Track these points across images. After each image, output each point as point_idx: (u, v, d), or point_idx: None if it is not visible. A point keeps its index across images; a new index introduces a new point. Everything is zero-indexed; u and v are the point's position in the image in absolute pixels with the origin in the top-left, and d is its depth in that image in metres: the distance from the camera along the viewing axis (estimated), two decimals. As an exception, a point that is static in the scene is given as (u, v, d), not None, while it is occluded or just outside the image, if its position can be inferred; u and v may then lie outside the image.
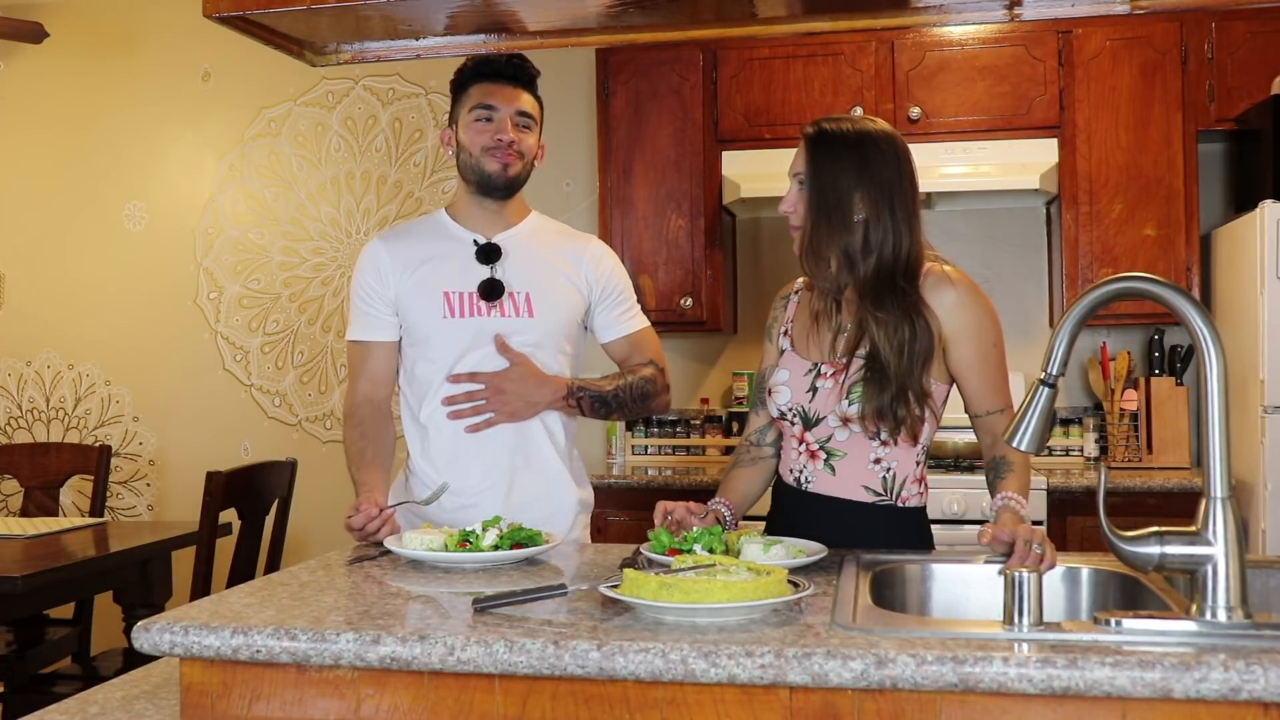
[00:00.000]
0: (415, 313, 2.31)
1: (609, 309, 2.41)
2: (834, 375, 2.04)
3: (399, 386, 2.41)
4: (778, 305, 2.23)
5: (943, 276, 2.07)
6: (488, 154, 2.29)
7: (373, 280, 2.34)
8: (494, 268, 2.30)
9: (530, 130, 2.32)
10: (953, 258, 2.22)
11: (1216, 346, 1.42)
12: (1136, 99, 3.64)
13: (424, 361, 2.32)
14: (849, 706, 1.32)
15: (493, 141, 2.28)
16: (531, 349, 2.29)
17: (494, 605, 1.53)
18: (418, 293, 2.30)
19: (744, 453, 2.22)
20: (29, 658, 3.53)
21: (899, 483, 2.05)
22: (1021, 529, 1.77)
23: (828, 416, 2.04)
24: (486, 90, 2.30)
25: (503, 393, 2.25)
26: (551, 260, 2.35)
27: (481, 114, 2.29)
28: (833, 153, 2.03)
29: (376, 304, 2.34)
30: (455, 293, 2.29)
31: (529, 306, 2.30)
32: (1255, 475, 3.32)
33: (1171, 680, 1.23)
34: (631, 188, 3.96)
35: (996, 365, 2.06)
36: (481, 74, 2.31)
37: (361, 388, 2.36)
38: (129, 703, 1.69)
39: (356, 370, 2.37)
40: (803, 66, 3.83)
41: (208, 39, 4.49)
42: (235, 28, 2.04)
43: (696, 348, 4.28)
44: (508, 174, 2.30)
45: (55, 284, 4.82)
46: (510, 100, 2.30)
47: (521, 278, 2.31)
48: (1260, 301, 3.27)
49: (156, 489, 4.77)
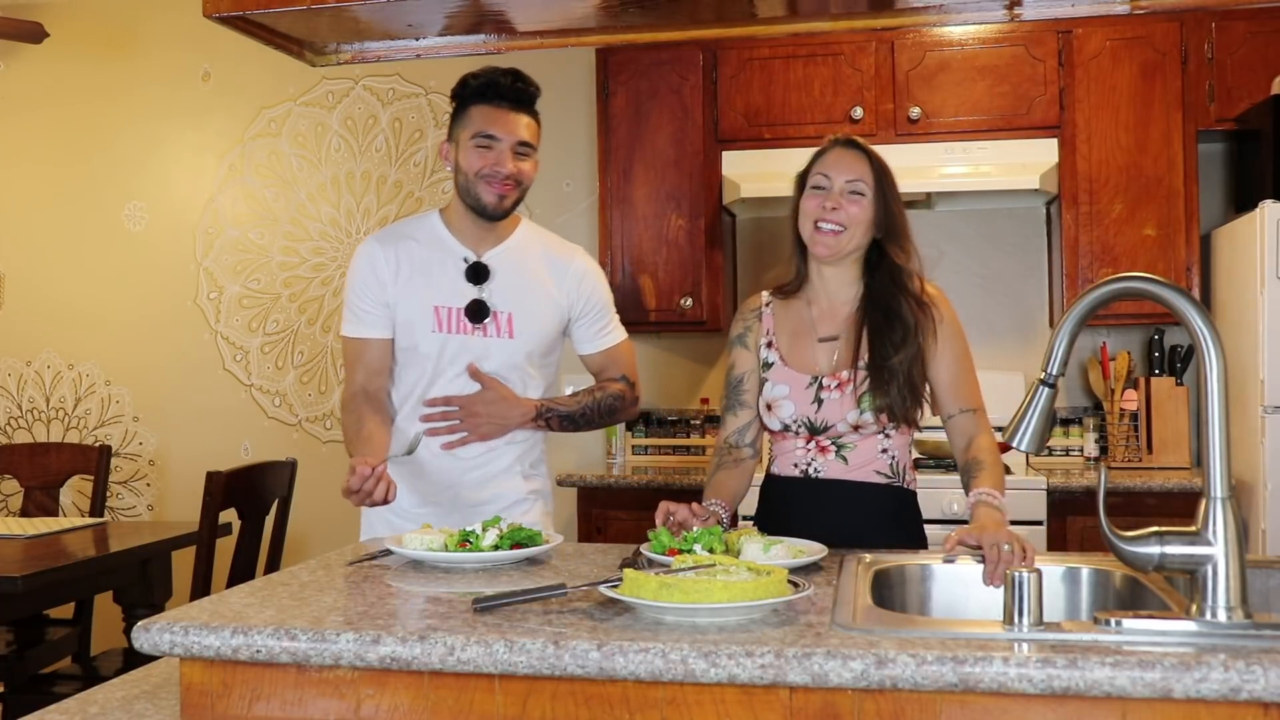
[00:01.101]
0: (406, 321, 2.39)
1: (588, 325, 2.50)
2: (839, 387, 2.14)
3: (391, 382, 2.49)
4: (749, 317, 2.28)
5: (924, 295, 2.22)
6: (485, 183, 2.33)
7: (369, 279, 2.40)
8: (482, 288, 2.39)
9: (528, 157, 2.36)
10: (953, 258, 2.29)
11: (1216, 346, 1.42)
12: (1136, 99, 3.64)
13: (410, 367, 2.42)
14: (849, 706, 1.32)
15: (491, 171, 2.32)
16: (509, 369, 2.40)
17: (494, 605, 1.53)
18: (411, 302, 2.39)
19: (725, 455, 2.26)
20: (29, 658, 3.53)
21: (902, 468, 2.20)
22: (986, 535, 1.82)
23: (837, 424, 2.14)
24: (488, 116, 2.32)
25: (475, 415, 2.36)
26: (536, 278, 2.44)
27: (482, 142, 2.32)
28: (885, 167, 2.17)
29: (372, 303, 2.40)
30: (445, 308, 2.38)
31: (510, 328, 2.39)
32: (1255, 475, 3.32)
33: (1171, 680, 1.23)
34: (631, 188, 3.96)
35: (968, 369, 2.20)
36: (483, 96, 2.33)
37: (358, 379, 2.43)
38: (129, 703, 1.69)
39: (353, 363, 2.44)
40: (803, 66, 3.83)
41: (208, 39, 4.48)
42: (235, 28, 2.04)
43: (696, 348, 4.28)
44: (503, 205, 2.37)
45: (55, 284, 4.82)
46: (511, 129, 2.32)
47: (506, 299, 2.40)
48: (1260, 301, 3.27)
49: (156, 489, 4.77)
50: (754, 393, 2.24)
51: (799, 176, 2.21)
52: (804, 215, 2.16)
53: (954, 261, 4.03)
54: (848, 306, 2.20)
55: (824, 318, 2.21)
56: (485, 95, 2.32)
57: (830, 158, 2.17)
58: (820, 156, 2.19)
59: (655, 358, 4.31)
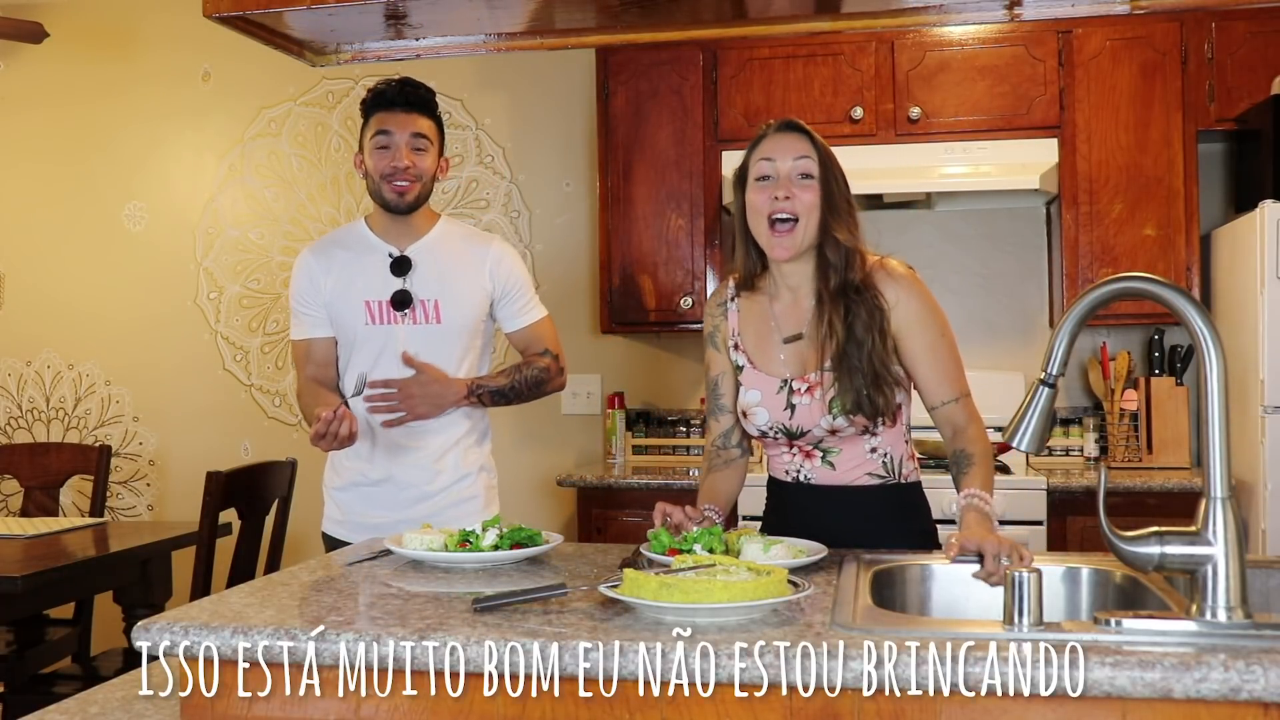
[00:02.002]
0: (342, 319, 2.60)
1: (509, 304, 2.67)
2: (809, 391, 2.05)
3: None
4: (716, 313, 2.21)
5: (885, 272, 2.07)
6: (386, 182, 2.55)
7: (306, 286, 2.63)
8: (405, 279, 2.58)
9: (426, 151, 2.57)
10: (953, 258, 2.23)
11: (1216, 346, 1.42)
12: (1136, 99, 3.64)
13: (353, 359, 2.60)
14: (849, 706, 1.32)
15: (390, 169, 2.53)
16: (439, 352, 2.57)
17: (494, 605, 1.53)
18: (344, 301, 2.59)
19: (714, 457, 2.23)
20: (29, 658, 3.53)
21: (898, 463, 2.12)
22: (989, 542, 1.73)
23: (813, 429, 2.07)
24: (382, 118, 2.56)
25: (410, 397, 2.52)
26: (457, 266, 2.62)
27: (380, 141, 2.55)
28: (824, 147, 2.05)
29: (312, 307, 2.63)
30: (375, 301, 2.58)
31: (437, 313, 2.58)
32: (1255, 475, 3.32)
33: (1171, 680, 1.23)
34: (631, 187, 3.96)
35: (948, 354, 2.06)
36: (378, 104, 2.57)
37: (308, 372, 2.66)
38: (129, 703, 1.69)
39: (301, 361, 2.67)
40: (803, 66, 3.83)
41: (208, 39, 4.48)
42: (235, 28, 2.04)
43: (696, 348, 4.27)
44: (405, 200, 2.56)
45: (55, 284, 4.82)
46: (404, 126, 2.54)
47: (430, 287, 2.59)
48: (1260, 301, 3.27)
49: (156, 489, 4.77)
50: (731, 395, 2.19)
51: (738, 172, 2.09)
52: (754, 212, 2.03)
53: (954, 261, 4.03)
54: (810, 299, 2.08)
55: (786, 314, 2.11)
56: (379, 103, 2.56)
57: (769, 142, 2.04)
58: (758, 144, 2.06)
59: (655, 358, 4.31)
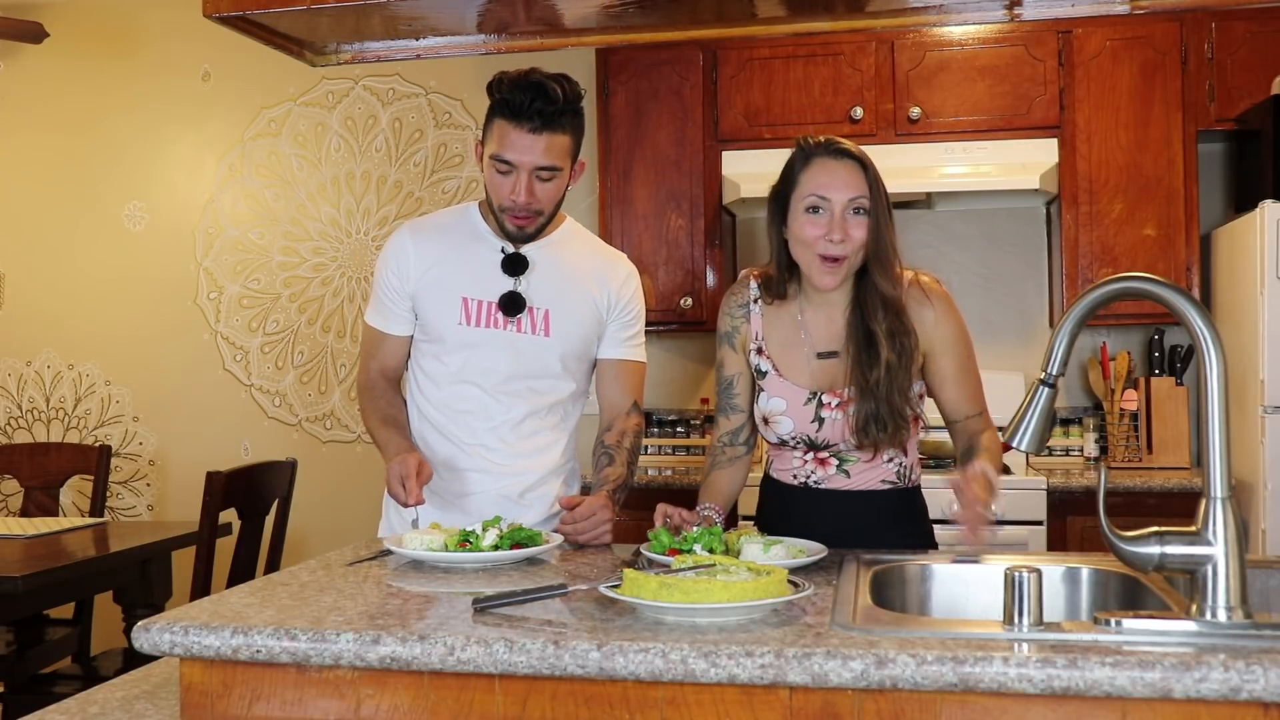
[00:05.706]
0: (431, 312, 2.29)
1: (620, 329, 2.37)
2: (840, 406, 2.05)
3: (407, 367, 2.42)
4: (736, 314, 2.17)
5: (922, 292, 2.07)
6: (504, 213, 2.22)
7: (394, 274, 2.31)
8: (519, 280, 2.26)
9: (552, 179, 2.19)
10: (953, 258, 2.23)
11: (1216, 346, 1.42)
12: (1136, 99, 3.64)
13: (435, 359, 2.32)
14: (849, 706, 1.32)
15: (509, 202, 2.19)
16: (540, 370, 2.29)
17: (494, 605, 1.53)
18: (437, 293, 2.28)
19: (719, 454, 2.23)
20: (29, 658, 3.53)
21: (909, 469, 2.16)
22: (978, 486, 1.81)
23: (839, 444, 2.08)
24: (505, 138, 2.14)
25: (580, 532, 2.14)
26: (577, 277, 2.31)
27: (500, 166, 2.17)
28: (874, 172, 2.00)
29: (395, 298, 2.32)
30: (475, 300, 2.26)
31: (546, 325, 2.27)
32: (1255, 475, 3.32)
33: (1171, 680, 1.23)
34: (631, 187, 3.96)
35: (973, 373, 2.11)
36: (504, 111, 2.14)
37: (374, 366, 2.38)
38: (129, 703, 1.69)
39: (370, 352, 2.39)
40: (803, 66, 3.82)
41: (208, 39, 4.48)
42: (235, 28, 2.04)
43: (696, 348, 4.28)
44: (524, 233, 2.25)
45: (55, 284, 4.82)
46: (529, 151, 2.14)
47: (544, 294, 2.27)
48: (1260, 301, 3.27)
49: (156, 489, 4.77)
50: (745, 395, 2.18)
51: (778, 188, 2.05)
52: (800, 243, 1.99)
53: (954, 261, 4.03)
54: (844, 316, 2.07)
55: (819, 328, 2.09)
56: (506, 111, 2.14)
57: (824, 174, 1.97)
58: (808, 169, 1.99)
59: (655, 358, 4.30)
